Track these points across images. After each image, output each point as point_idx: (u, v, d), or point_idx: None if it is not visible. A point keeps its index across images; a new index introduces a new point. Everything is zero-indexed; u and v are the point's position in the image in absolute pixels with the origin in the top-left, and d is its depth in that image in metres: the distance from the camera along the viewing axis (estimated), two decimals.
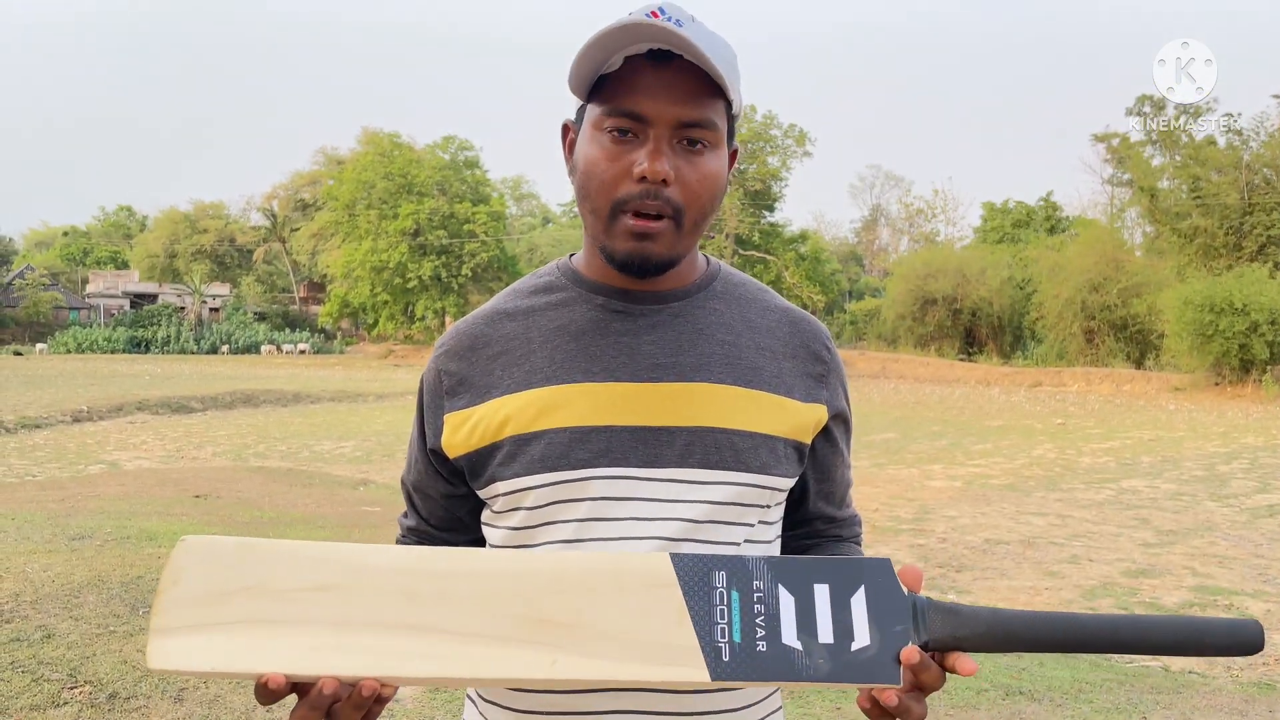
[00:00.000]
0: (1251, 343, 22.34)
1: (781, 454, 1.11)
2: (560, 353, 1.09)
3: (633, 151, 1.02)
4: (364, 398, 22.54)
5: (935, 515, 8.69)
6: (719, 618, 0.86)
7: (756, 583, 0.87)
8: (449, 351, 1.15)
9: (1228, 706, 4.13)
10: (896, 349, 36.28)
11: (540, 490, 1.06)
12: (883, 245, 63.05)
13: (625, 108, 1.01)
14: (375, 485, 9.87)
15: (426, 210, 42.09)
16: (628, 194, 1.02)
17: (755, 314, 1.16)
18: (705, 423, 1.07)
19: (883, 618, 0.86)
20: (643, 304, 1.11)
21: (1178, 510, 9.08)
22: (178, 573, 0.87)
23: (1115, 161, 32.90)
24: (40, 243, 73.26)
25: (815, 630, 0.86)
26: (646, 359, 1.08)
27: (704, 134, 1.03)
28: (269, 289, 60.34)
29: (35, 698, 3.34)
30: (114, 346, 45.75)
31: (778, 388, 1.12)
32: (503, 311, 1.16)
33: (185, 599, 0.86)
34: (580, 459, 1.06)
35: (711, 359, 1.10)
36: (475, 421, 1.10)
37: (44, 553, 5.33)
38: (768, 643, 0.85)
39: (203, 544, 0.88)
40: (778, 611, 0.86)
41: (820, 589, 0.87)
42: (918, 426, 16.93)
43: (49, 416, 16.31)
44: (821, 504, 1.23)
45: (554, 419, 1.07)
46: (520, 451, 1.07)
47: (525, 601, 0.87)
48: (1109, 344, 29.82)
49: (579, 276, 1.15)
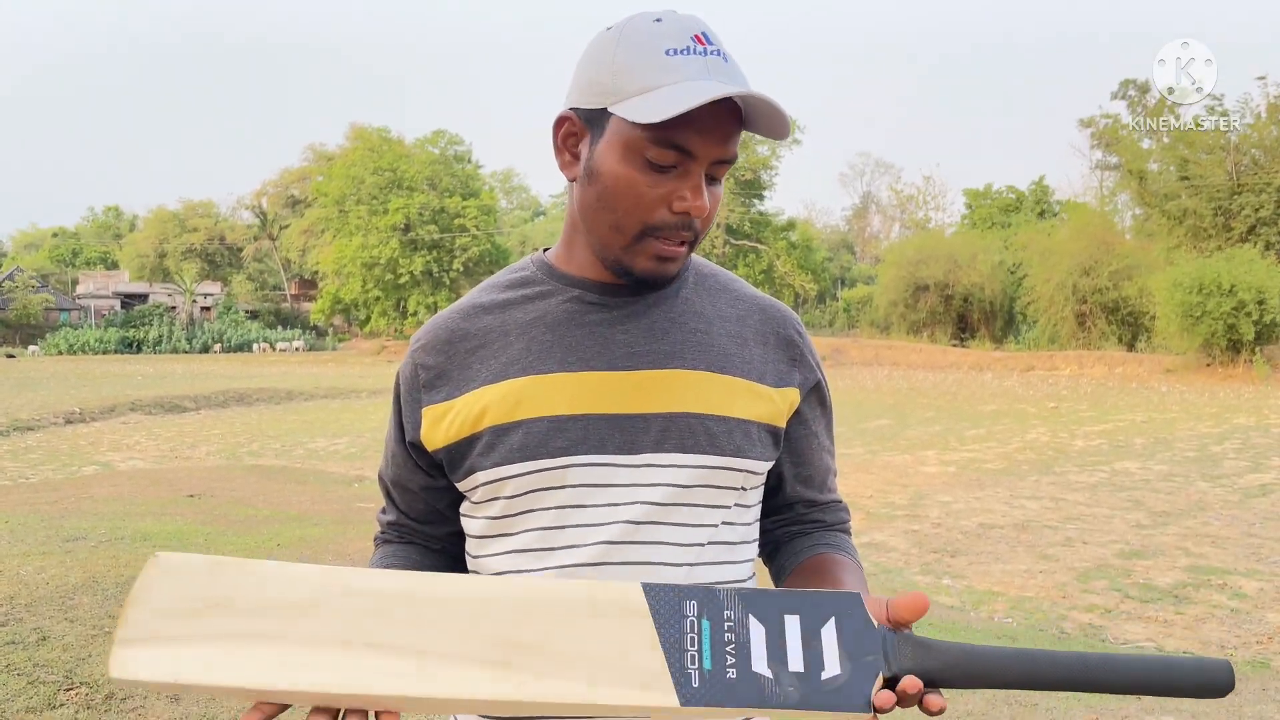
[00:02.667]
0: (1239, 323, 22.41)
1: (755, 437, 1.13)
2: (537, 344, 1.11)
3: (671, 181, 1.03)
4: (357, 394, 22.51)
5: (929, 500, 8.72)
6: (689, 645, 0.86)
7: (727, 612, 0.87)
8: (425, 346, 1.16)
9: None
10: (889, 336, 36.34)
11: (519, 479, 1.08)
12: (874, 233, 63.12)
13: (677, 142, 1.02)
14: (369, 482, 9.86)
15: (417, 205, 42.03)
16: (662, 222, 1.05)
17: (726, 303, 1.18)
18: (679, 408, 1.09)
19: (853, 648, 0.86)
20: (618, 295, 1.13)
21: (1170, 491, 9.12)
22: (147, 586, 0.86)
23: (1103, 145, 32.92)
24: (29, 244, 72.95)
25: (786, 659, 0.86)
26: (621, 347, 1.11)
27: (729, 168, 1.08)
28: (260, 287, 60.23)
29: (31, 700, 3.34)
30: (105, 347, 45.66)
31: (749, 373, 1.14)
32: (479, 305, 1.17)
33: (152, 612, 0.85)
34: (558, 447, 1.08)
35: (684, 346, 1.12)
36: (454, 414, 1.12)
37: (38, 555, 5.32)
38: (738, 670, 0.85)
39: (174, 561, 0.88)
40: (748, 640, 0.86)
41: (791, 620, 0.87)
42: (911, 413, 16.96)
43: (41, 418, 16.26)
44: (800, 488, 1.24)
45: (532, 409, 1.09)
46: (499, 442, 1.09)
47: (496, 625, 0.87)
48: (1101, 327, 29.89)
49: (555, 271, 1.16)
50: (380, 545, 1.27)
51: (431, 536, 1.24)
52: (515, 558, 1.10)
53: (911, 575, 6.21)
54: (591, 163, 1.07)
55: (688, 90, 0.99)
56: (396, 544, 1.25)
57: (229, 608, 0.85)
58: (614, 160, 1.05)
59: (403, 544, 1.25)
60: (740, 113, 1.04)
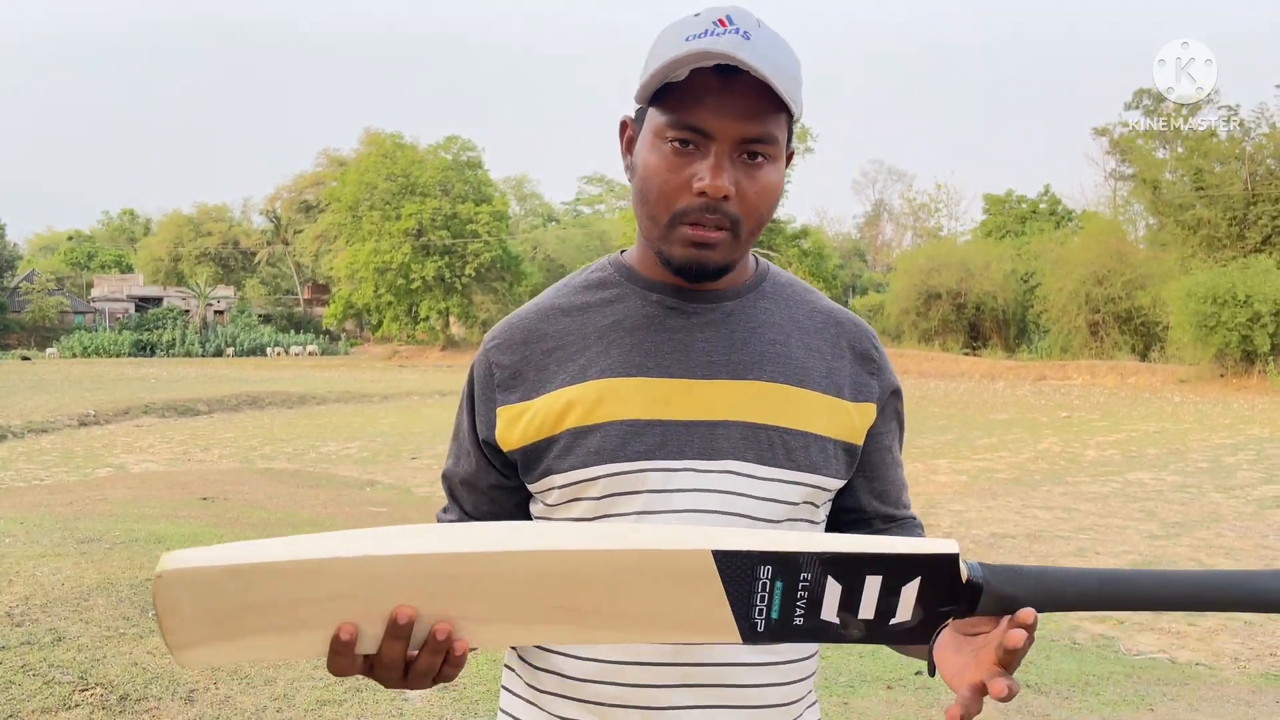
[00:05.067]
0: (1254, 334, 22.29)
1: (831, 454, 1.12)
2: (616, 347, 1.11)
3: (694, 163, 1.02)
4: (369, 398, 22.58)
5: (941, 510, 8.70)
6: (758, 600, 0.84)
7: (804, 575, 0.83)
8: (501, 344, 1.15)
9: (1234, 697, 4.14)
10: (901, 344, 36.24)
11: (599, 482, 1.08)
12: (886, 240, 62.99)
13: (689, 121, 1.02)
14: (382, 485, 9.90)
15: (429, 211, 42.14)
16: (687, 206, 1.03)
17: (803, 315, 1.17)
18: (758, 419, 1.08)
19: (930, 601, 0.84)
20: (696, 302, 1.12)
21: (1184, 502, 9.07)
22: (169, 602, 0.81)
23: (1118, 154, 32.82)
24: (45, 247, 73.41)
25: (857, 610, 0.84)
26: (701, 356, 1.10)
27: (764, 148, 1.04)
28: (273, 291, 60.47)
29: (46, 700, 3.36)
30: (119, 350, 45.85)
31: (828, 388, 1.13)
32: (556, 307, 1.16)
33: (191, 619, 0.81)
34: (636, 451, 1.07)
35: (763, 358, 1.11)
36: (532, 415, 1.11)
37: (53, 556, 5.35)
38: (805, 618, 0.84)
39: (185, 575, 0.80)
40: (820, 596, 0.84)
41: (872, 580, 0.84)
42: (923, 421, 16.92)
43: (56, 420, 16.36)
44: (876, 502, 1.21)
45: (610, 412, 1.08)
46: (577, 444, 1.08)
47: (553, 591, 0.84)
48: (1114, 337, 29.79)
49: (633, 273, 1.16)
50: None
51: None
52: None
53: None
54: (634, 159, 1.09)
55: (674, 62, 0.99)
56: None
57: (268, 607, 0.82)
58: (646, 151, 1.06)
59: None
60: (770, 91, 1.00)
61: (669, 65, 1.00)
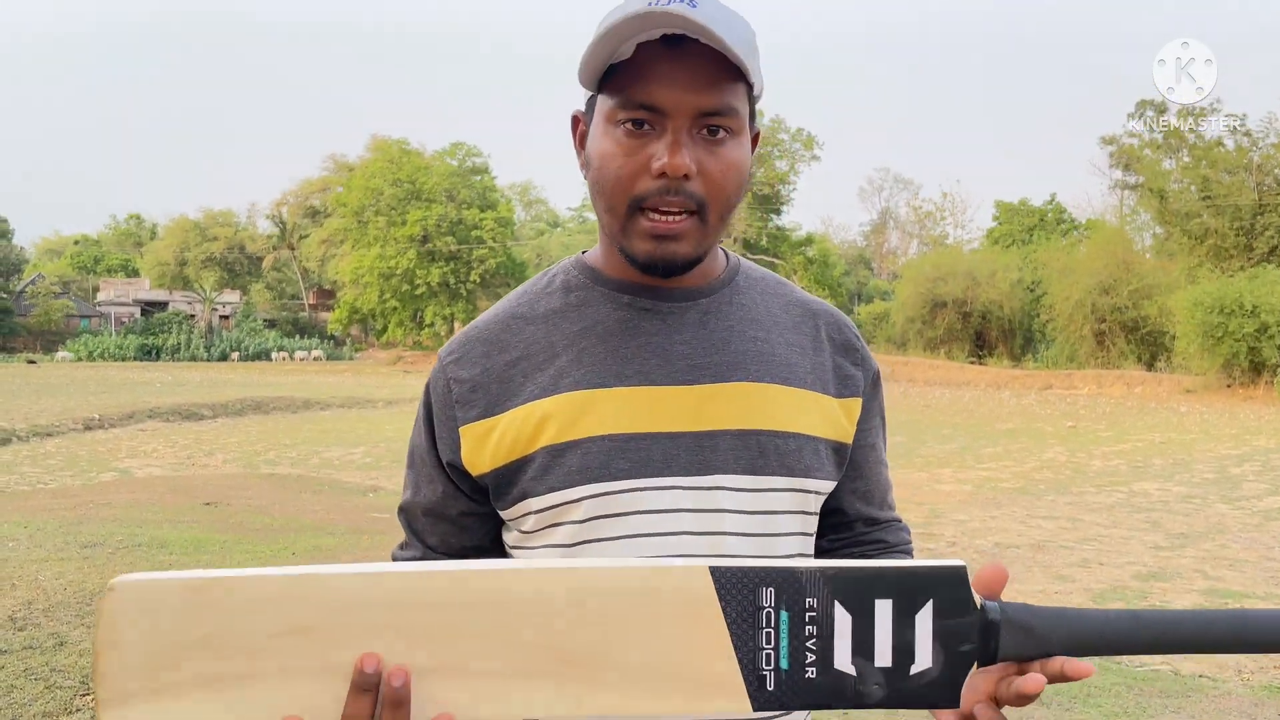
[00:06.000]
0: (1262, 345, 22.23)
1: (823, 455, 1.06)
2: (588, 355, 1.02)
3: (650, 145, 0.95)
4: (373, 404, 22.59)
5: (945, 519, 8.67)
6: (764, 642, 0.77)
7: (809, 600, 0.77)
8: (460, 358, 1.06)
9: (1237, 710, 4.12)
10: (906, 352, 36.20)
11: (583, 504, 0.99)
12: (892, 248, 63.03)
13: (639, 99, 0.94)
14: (385, 492, 9.90)
15: (435, 216, 42.24)
16: (646, 191, 0.95)
17: (780, 308, 1.11)
18: (747, 425, 1.02)
19: (949, 637, 0.78)
20: (670, 301, 1.05)
21: (1189, 513, 9.04)
22: (113, 630, 0.74)
23: (1123, 164, 32.78)
24: (51, 251, 73.64)
25: (873, 653, 0.77)
26: (681, 360, 1.02)
27: (725, 121, 0.96)
28: (278, 296, 60.63)
29: (48, 705, 3.37)
30: (125, 354, 45.98)
31: (813, 384, 1.07)
32: (518, 315, 1.07)
33: (128, 662, 0.73)
34: (622, 469, 0.99)
35: (746, 357, 1.04)
36: (500, 433, 1.02)
37: (56, 560, 5.37)
38: (818, 669, 0.77)
39: (138, 589, 0.74)
40: (832, 634, 0.77)
41: (882, 605, 0.78)
42: (927, 430, 16.89)
43: (60, 424, 16.39)
44: (860, 505, 1.16)
45: (589, 427, 0.99)
46: (555, 463, 0.99)
47: (542, 630, 0.76)
48: (1120, 346, 29.72)
49: (599, 275, 1.08)
50: None
51: None
52: None
53: None
54: (587, 153, 1.02)
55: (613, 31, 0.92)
56: None
57: (217, 642, 0.73)
58: (598, 139, 0.99)
59: None
60: (725, 60, 0.93)
61: (609, 35, 0.92)
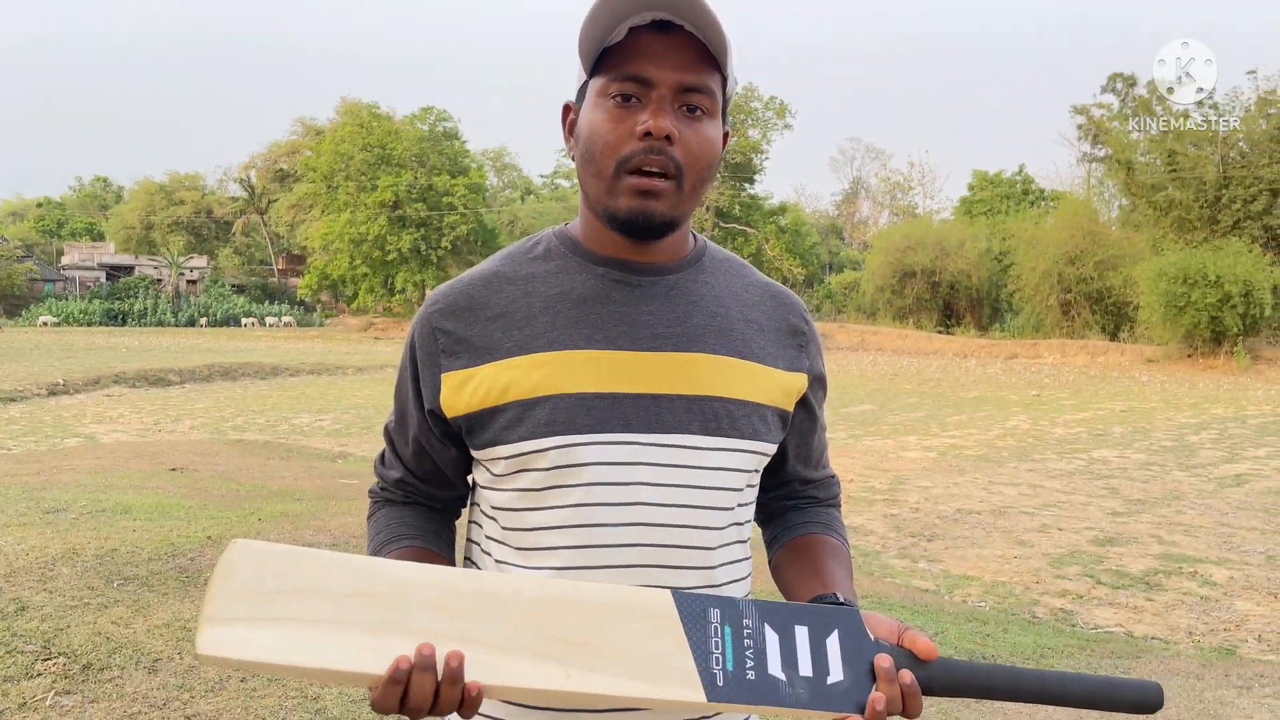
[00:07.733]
0: (1223, 315, 22.55)
1: (770, 421, 1.17)
2: (562, 319, 1.13)
3: (636, 114, 1.07)
4: (343, 370, 22.48)
5: (909, 485, 8.80)
6: (714, 648, 0.96)
7: (746, 621, 0.98)
8: (444, 309, 1.16)
9: (1185, 671, 4.24)
10: (875, 321, 36.42)
11: (548, 454, 1.09)
12: (863, 218, 63.15)
13: (630, 72, 1.06)
14: (354, 458, 9.88)
15: (405, 182, 41.81)
16: (631, 151, 1.06)
17: (740, 288, 1.22)
18: (703, 391, 1.12)
19: (853, 658, 0.98)
20: (640, 275, 1.16)
21: (1146, 480, 9.22)
22: (231, 568, 0.93)
23: (1091, 136, 32.90)
24: (14, 214, 72.28)
25: (797, 664, 0.96)
26: (646, 329, 1.13)
27: (703, 100, 1.08)
28: (247, 261, 59.88)
29: (9, 669, 3.36)
30: (90, 319, 45.37)
31: (765, 358, 1.18)
32: (501, 275, 1.18)
33: (236, 592, 0.92)
34: (585, 424, 1.09)
35: (706, 331, 1.15)
36: (477, 383, 1.12)
37: (18, 526, 5.33)
38: (756, 672, 0.96)
39: (253, 547, 0.95)
40: (764, 647, 0.97)
41: (800, 630, 0.98)
42: (895, 398, 17.05)
43: (24, 390, 16.20)
44: (800, 466, 1.29)
45: (558, 384, 1.10)
46: (525, 416, 1.10)
47: (545, 622, 0.95)
48: (1085, 316, 30.03)
49: (578, 246, 1.18)
50: (382, 505, 1.27)
51: (436, 498, 1.25)
52: (552, 534, 1.10)
53: (889, 559, 6.28)
54: (577, 130, 1.13)
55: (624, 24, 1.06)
56: (401, 505, 1.25)
57: (304, 592, 0.93)
58: (588, 114, 1.11)
59: (408, 505, 1.25)
60: (707, 50, 1.07)
61: (605, 17, 1.05)
